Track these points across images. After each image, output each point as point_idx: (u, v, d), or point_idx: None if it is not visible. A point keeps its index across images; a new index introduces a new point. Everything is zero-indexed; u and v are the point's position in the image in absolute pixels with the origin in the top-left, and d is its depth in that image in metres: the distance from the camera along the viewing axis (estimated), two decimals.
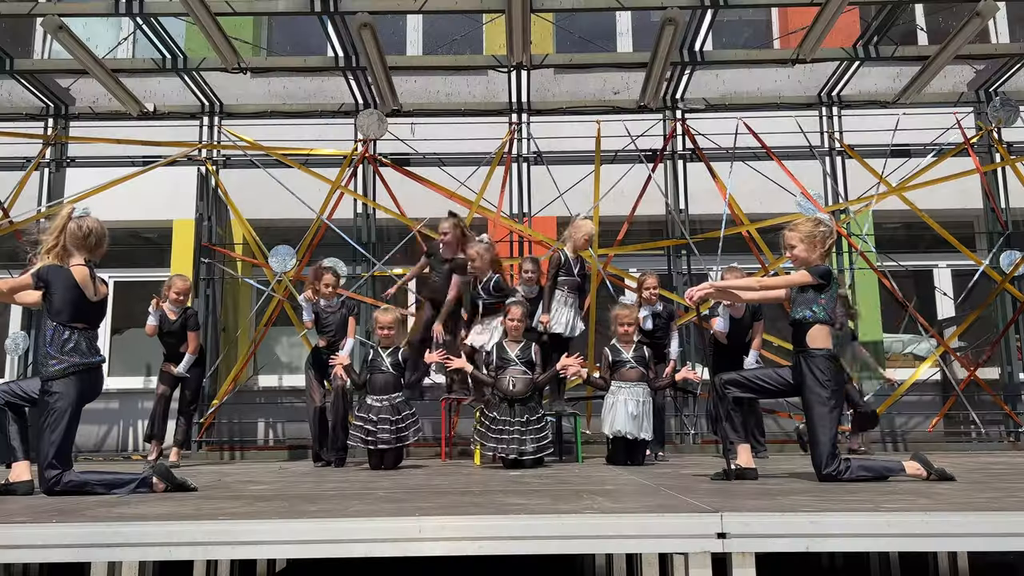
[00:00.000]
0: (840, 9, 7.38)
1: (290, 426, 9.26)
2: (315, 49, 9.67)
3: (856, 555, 4.99)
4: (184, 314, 7.19)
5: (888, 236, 9.91)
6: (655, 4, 7.95)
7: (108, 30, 10.26)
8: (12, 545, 2.78)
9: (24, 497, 4.02)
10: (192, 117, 9.66)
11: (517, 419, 5.94)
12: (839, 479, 4.20)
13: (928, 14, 10.18)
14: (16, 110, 9.63)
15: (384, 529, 2.83)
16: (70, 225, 4.20)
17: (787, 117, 9.49)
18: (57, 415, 4.08)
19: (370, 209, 9.46)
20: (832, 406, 4.30)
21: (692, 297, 4.59)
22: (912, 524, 2.83)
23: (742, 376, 4.66)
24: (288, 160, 9.36)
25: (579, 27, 9.79)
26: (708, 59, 8.91)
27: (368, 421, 6.03)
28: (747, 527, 2.77)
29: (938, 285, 9.78)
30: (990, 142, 9.48)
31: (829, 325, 4.41)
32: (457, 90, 10.01)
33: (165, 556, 2.79)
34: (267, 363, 9.52)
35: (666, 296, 8.02)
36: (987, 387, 8.96)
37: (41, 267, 4.18)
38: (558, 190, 9.13)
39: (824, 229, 4.46)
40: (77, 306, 4.17)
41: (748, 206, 9.15)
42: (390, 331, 6.25)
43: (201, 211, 9.48)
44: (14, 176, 9.35)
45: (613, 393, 6.14)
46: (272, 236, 9.23)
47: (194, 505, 3.52)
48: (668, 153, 9.60)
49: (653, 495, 3.69)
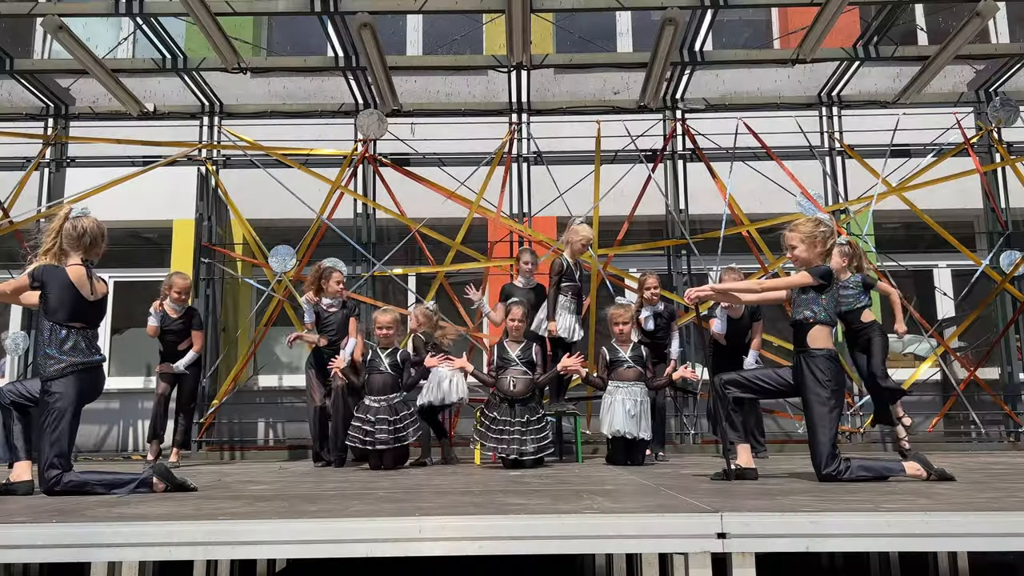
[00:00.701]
0: (840, 9, 7.38)
1: (290, 426, 9.26)
2: (315, 49, 9.67)
3: (856, 555, 4.99)
4: (187, 313, 7.19)
5: (888, 236, 9.91)
6: (655, 4, 7.95)
7: (108, 30, 10.26)
8: (12, 545, 2.78)
9: (24, 497, 4.02)
10: (192, 117, 9.66)
11: (517, 419, 5.95)
12: (839, 479, 4.20)
13: (928, 14, 10.18)
14: (16, 110, 9.63)
15: (384, 529, 2.83)
16: (66, 225, 4.20)
17: (787, 117, 9.50)
18: (57, 415, 4.08)
19: (370, 209, 9.46)
20: (832, 406, 4.30)
21: (691, 297, 4.61)
22: (912, 524, 2.83)
23: (742, 376, 4.66)
24: (288, 160, 9.36)
25: (579, 27, 9.79)
26: (708, 59, 8.91)
27: (366, 422, 6.04)
28: (747, 527, 2.77)
29: (938, 285, 9.78)
30: (990, 142, 9.48)
31: (830, 326, 4.41)
32: (457, 90, 10.01)
33: (165, 556, 2.79)
34: (267, 363, 9.52)
35: (667, 296, 8.02)
36: (987, 387, 8.97)
37: (36, 267, 4.18)
38: (558, 190, 9.13)
39: (824, 229, 4.46)
40: (74, 305, 4.17)
41: (748, 206, 9.15)
42: (389, 332, 6.25)
43: (201, 211, 9.48)
44: (14, 176, 9.35)
45: (611, 393, 6.14)
46: (272, 236, 9.23)
47: (194, 505, 3.52)
48: (668, 153, 9.60)
49: (653, 495, 3.69)
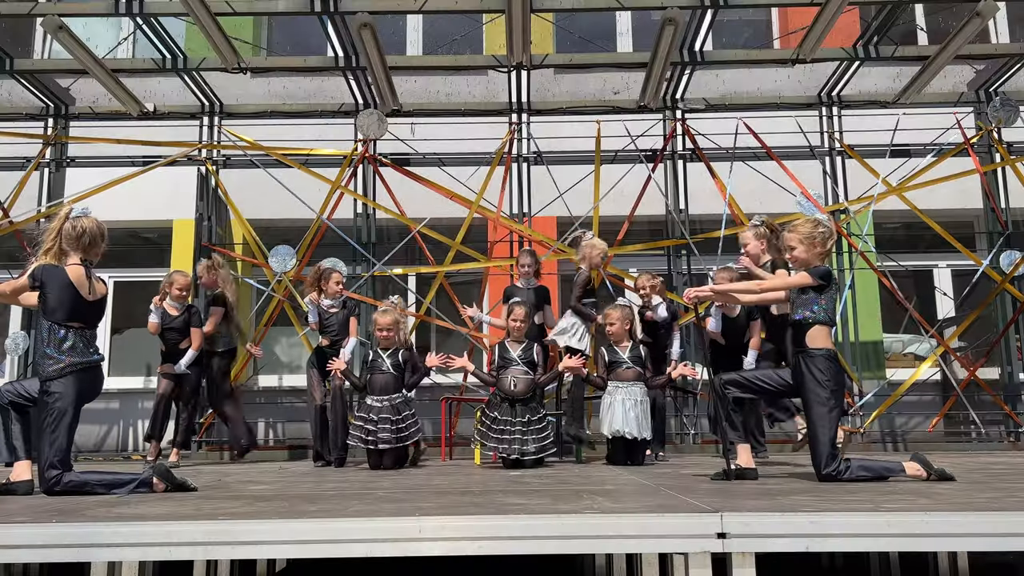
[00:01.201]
0: (840, 9, 7.38)
1: (290, 426, 9.26)
2: (315, 49, 9.67)
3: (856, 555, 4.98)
4: (188, 311, 7.19)
5: (888, 236, 9.91)
6: (655, 4, 7.95)
7: (108, 30, 10.26)
8: (12, 545, 2.78)
9: (24, 497, 4.02)
10: (192, 117, 9.66)
11: (518, 419, 5.94)
12: (839, 479, 4.21)
13: (928, 14, 10.18)
14: (16, 110, 9.63)
15: (384, 529, 2.83)
16: (65, 225, 4.21)
17: (787, 117, 9.49)
18: (56, 415, 4.07)
19: (370, 209, 9.46)
20: (832, 406, 4.30)
21: (689, 297, 4.62)
22: (912, 524, 2.83)
23: (742, 376, 4.67)
24: (288, 160, 9.35)
25: (579, 27, 9.78)
26: (708, 59, 8.90)
27: (368, 421, 6.04)
28: (747, 527, 2.77)
29: (938, 285, 9.78)
30: (990, 142, 9.47)
31: (829, 326, 4.42)
32: (457, 90, 10.01)
33: (165, 556, 2.79)
34: (267, 363, 9.51)
35: (669, 297, 7.99)
36: (987, 387, 8.96)
37: (36, 267, 4.18)
38: (558, 190, 9.12)
39: (823, 230, 4.46)
40: (72, 305, 4.17)
41: (748, 206, 9.14)
42: (390, 332, 6.26)
43: (201, 211, 9.48)
44: (14, 176, 9.35)
45: (610, 393, 6.14)
46: (272, 236, 9.23)
47: (194, 505, 3.52)
48: (668, 153, 9.60)
49: (653, 495, 3.69)
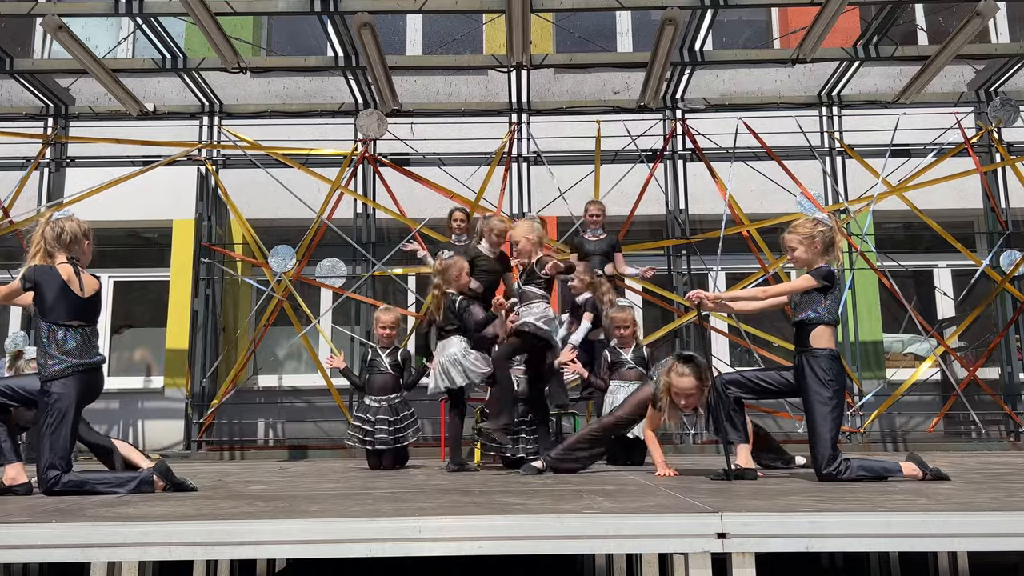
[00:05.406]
0: (840, 9, 7.38)
1: (290, 426, 9.26)
2: (315, 49, 9.68)
3: (856, 555, 4.98)
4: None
5: (888, 236, 9.91)
6: (655, 4, 7.95)
7: (108, 30, 10.27)
8: (12, 545, 2.78)
9: (24, 497, 4.02)
10: (192, 117, 9.66)
11: (520, 419, 5.93)
12: (839, 479, 4.21)
13: (928, 14, 10.18)
14: (16, 110, 9.63)
15: (384, 529, 2.83)
16: (46, 230, 4.23)
17: (787, 117, 9.49)
18: (57, 416, 4.07)
19: (370, 209, 9.46)
20: (833, 406, 4.30)
21: (692, 298, 4.62)
22: (912, 524, 2.82)
23: (743, 376, 4.67)
24: (288, 160, 9.35)
25: (579, 27, 9.79)
26: (708, 59, 8.90)
27: (366, 421, 6.03)
28: (747, 527, 2.77)
29: (938, 285, 9.78)
30: (990, 142, 9.47)
31: (832, 325, 4.42)
32: (457, 90, 10.00)
33: (165, 556, 2.79)
34: (267, 363, 9.52)
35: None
36: (987, 387, 8.96)
37: (27, 269, 4.20)
38: (558, 190, 9.13)
39: (823, 229, 4.46)
40: (70, 303, 4.17)
41: (748, 206, 9.15)
42: (391, 331, 6.25)
43: (201, 211, 9.48)
44: (14, 176, 9.35)
45: (612, 392, 6.13)
46: (272, 236, 9.23)
47: (194, 505, 3.52)
48: (668, 153, 9.60)
49: (653, 495, 3.68)
